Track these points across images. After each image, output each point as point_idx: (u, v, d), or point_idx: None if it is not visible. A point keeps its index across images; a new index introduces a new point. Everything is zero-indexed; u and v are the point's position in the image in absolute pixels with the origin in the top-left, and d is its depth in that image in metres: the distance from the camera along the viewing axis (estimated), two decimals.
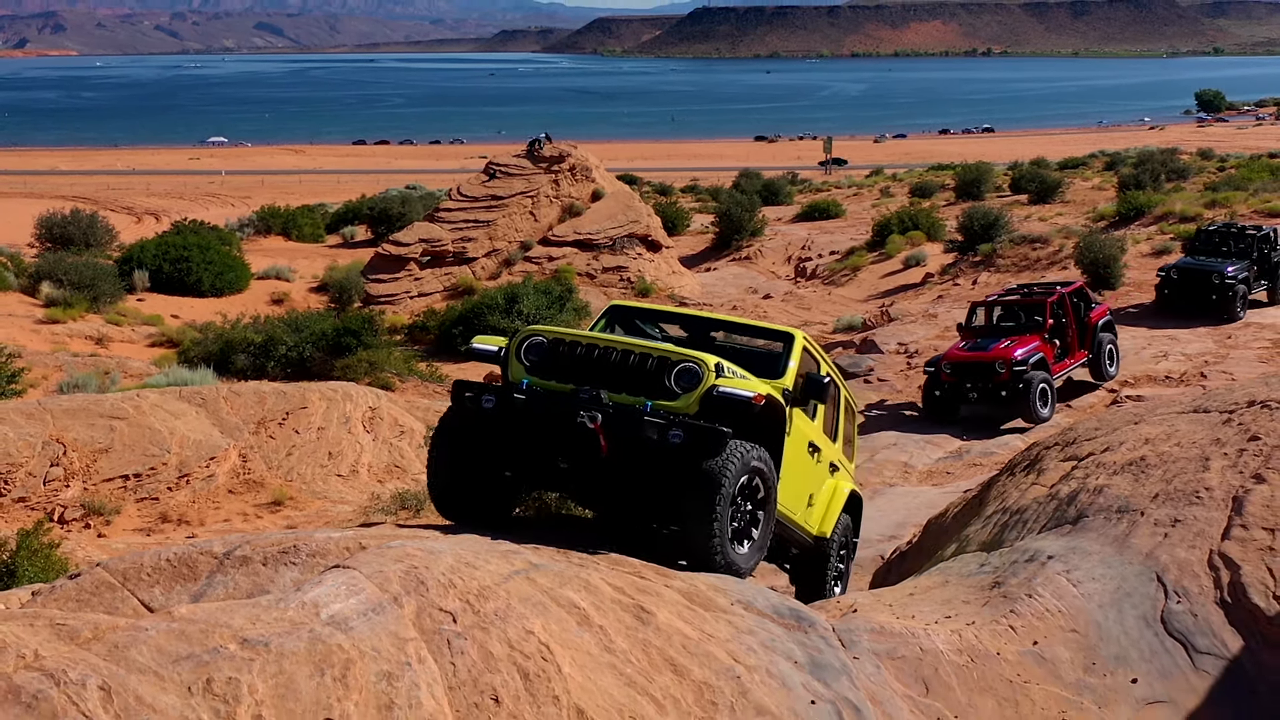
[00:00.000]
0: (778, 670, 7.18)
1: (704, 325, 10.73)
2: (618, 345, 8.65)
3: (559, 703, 6.38)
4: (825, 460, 10.44)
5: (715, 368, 8.42)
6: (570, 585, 7.28)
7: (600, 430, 8.13)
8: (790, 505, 9.60)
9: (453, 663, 6.38)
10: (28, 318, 34.94)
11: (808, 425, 9.85)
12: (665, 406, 8.35)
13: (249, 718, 5.76)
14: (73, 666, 5.87)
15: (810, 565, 10.69)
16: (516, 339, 8.96)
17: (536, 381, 8.65)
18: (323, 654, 6.13)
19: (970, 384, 23.73)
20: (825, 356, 10.58)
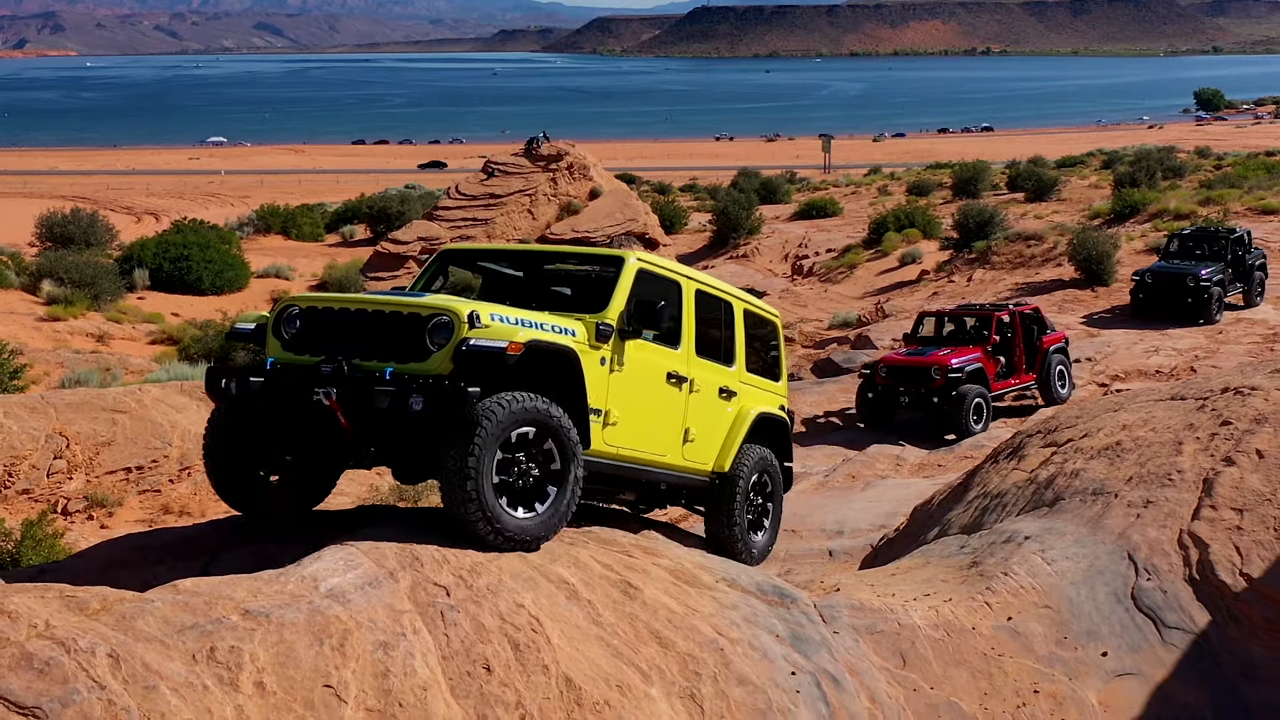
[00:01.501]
0: (759, 643, 7.45)
1: (537, 260, 9.87)
2: (369, 305, 7.90)
3: (548, 672, 6.65)
4: (708, 388, 9.43)
5: (469, 318, 7.55)
6: (560, 562, 7.56)
7: (336, 406, 7.46)
8: (645, 445, 8.79)
9: (446, 634, 6.65)
10: (29, 315, 35.17)
11: (663, 355, 8.96)
12: (413, 369, 7.57)
13: (251, 684, 6.04)
14: (82, 635, 6.14)
15: (717, 506, 9.76)
16: (273, 312, 8.32)
17: (289, 358, 7.98)
18: (321, 625, 6.41)
19: (904, 388, 23.29)
20: (700, 277, 9.69)
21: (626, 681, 6.84)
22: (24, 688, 5.77)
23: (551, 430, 7.63)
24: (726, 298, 9.89)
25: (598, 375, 8.24)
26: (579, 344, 8.05)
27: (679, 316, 9.17)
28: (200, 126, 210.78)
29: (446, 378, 7.41)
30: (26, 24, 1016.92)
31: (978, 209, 44.41)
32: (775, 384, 10.60)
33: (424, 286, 9.45)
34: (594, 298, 8.69)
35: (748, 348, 10.09)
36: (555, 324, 8.02)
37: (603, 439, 8.31)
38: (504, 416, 7.33)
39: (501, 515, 7.40)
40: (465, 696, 6.41)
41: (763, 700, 7.09)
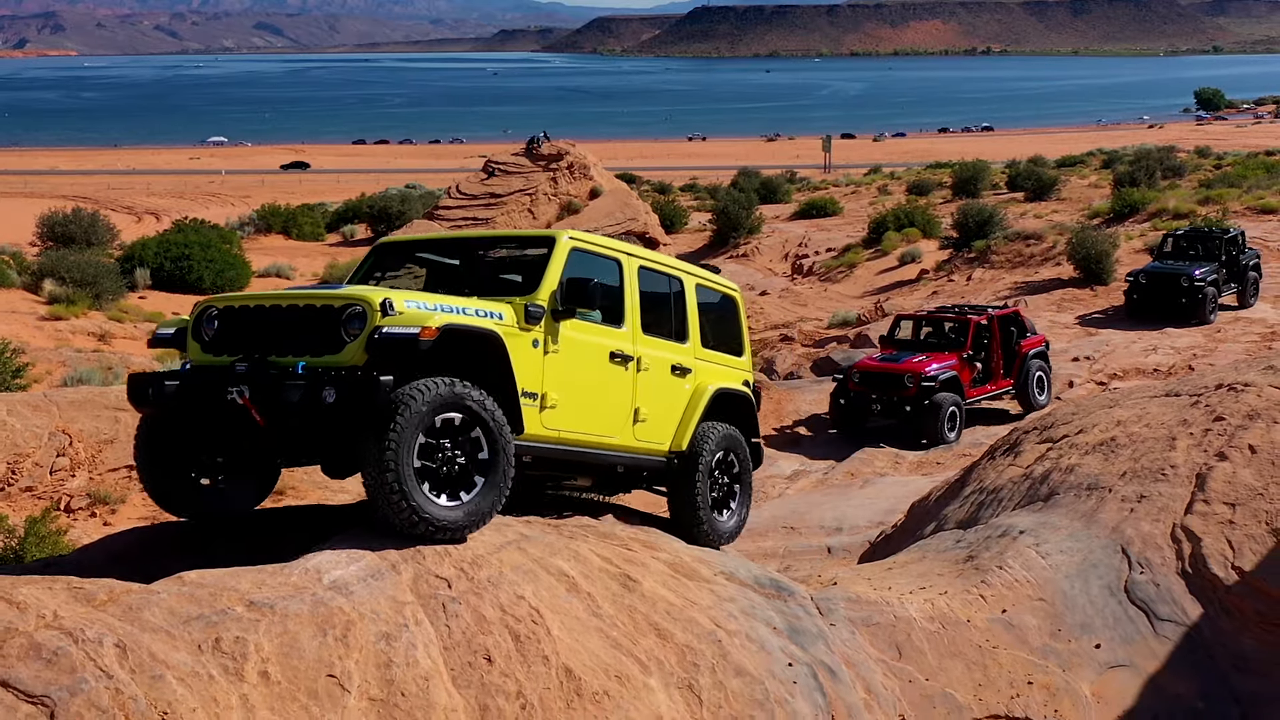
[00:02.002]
0: (757, 635, 7.55)
1: (471, 247, 9.61)
2: (284, 300, 7.75)
3: (548, 662, 6.75)
4: (658, 366, 9.15)
5: (382, 306, 7.34)
6: (560, 555, 7.66)
7: (250, 404, 7.28)
8: (590, 427, 8.55)
9: (448, 625, 6.75)
10: (30, 314, 35.25)
11: (605, 334, 8.70)
12: (327, 362, 7.38)
13: (256, 674, 6.14)
14: (89, 626, 6.24)
15: (678, 487, 9.44)
16: (192, 315, 8.13)
17: (207, 359, 7.82)
18: (325, 616, 6.51)
19: (876, 395, 22.78)
20: (645, 254, 9.42)
21: (625, 672, 6.94)
22: (33, 677, 5.87)
23: (476, 416, 7.42)
24: (675, 273, 9.64)
25: (530, 358, 8.03)
26: (505, 327, 7.84)
27: (620, 294, 8.93)
28: (201, 126, 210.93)
29: (360, 368, 7.24)
30: (27, 24, 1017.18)
31: (977, 208, 44.51)
32: (738, 359, 10.29)
33: (361, 279, 9.29)
34: (530, 280, 8.50)
35: (705, 324, 9.81)
36: (480, 308, 7.84)
37: (540, 423, 8.10)
38: (422, 402, 7.16)
39: (425, 504, 7.20)
40: (467, 686, 6.51)
41: (760, 691, 7.19)
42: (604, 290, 8.51)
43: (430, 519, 7.21)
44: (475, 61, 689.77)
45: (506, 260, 9.38)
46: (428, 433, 7.23)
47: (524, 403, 7.88)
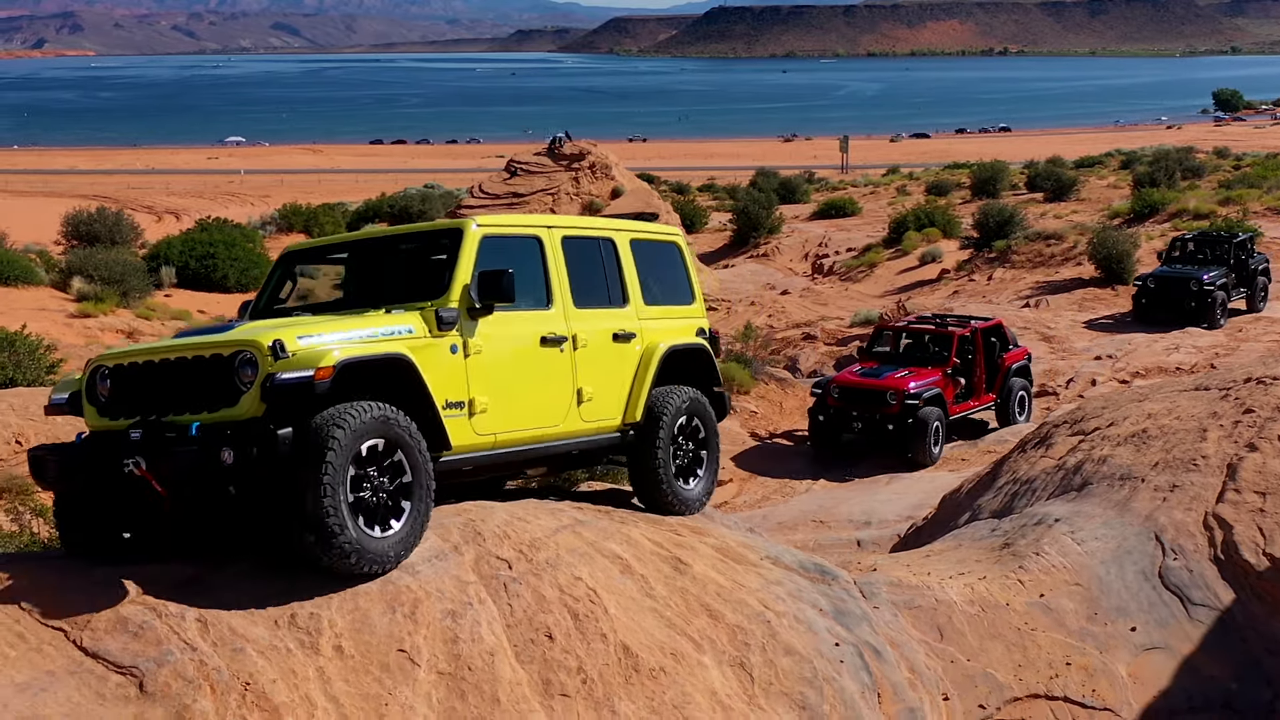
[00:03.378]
0: (804, 616, 7.82)
1: (381, 246, 8.78)
2: (173, 352, 7.14)
3: (606, 640, 7.02)
4: (598, 339, 8.64)
5: (271, 348, 6.81)
6: (613, 539, 7.93)
7: (148, 475, 6.76)
8: (530, 422, 8.07)
9: (509, 604, 7.03)
10: (60, 312, 35.63)
11: (532, 319, 8.22)
12: (225, 417, 6.86)
13: (330, 648, 6.42)
14: (170, 601, 6.53)
15: (637, 458, 8.96)
16: (84, 375, 7.53)
17: (104, 425, 7.27)
18: (393, 594, 6.79)
19: (857, 412, 21.64)
20: (566, 222, 8.94)
21: (680, 650, 7.22)
22: (121, 649, 6.17)
23: (399, 440, 7.03)
24: (603, 234, 9.09)
25: (450, 365, 7.58)
26: (414, 341, 7.38)
27: (544, 273, 8.43)
28: (218, 126, 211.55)
29: (259, 420, 6.77)
30: (45, 24, 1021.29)
31: (998, 208, 44.68)
32: (689, 308, 9.70)
33: (271, 294, 8.75)
34: (439, 276, 7.93)
35: (645, 279, 9.25)
36: (384, 326, 7.35)
37: (472, 430, 7.65)
38: (350, 432, 6.74)
39: (362, 539, 6.78)
40: (530, 662, 6.78)
41: (809, 669, 7.46)
42: (526, 276, 8.13)
43: (369, 554, 6.80)
44: (491, 62, 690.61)
45: (419, 257, 8.44)
46: (356, 462, 6.83)
47: (449, 415, 7.46)
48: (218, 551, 7.33)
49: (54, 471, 7.14)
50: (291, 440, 6.61)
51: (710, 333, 9.77)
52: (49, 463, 7.17)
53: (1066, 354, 28.09)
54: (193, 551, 7.33)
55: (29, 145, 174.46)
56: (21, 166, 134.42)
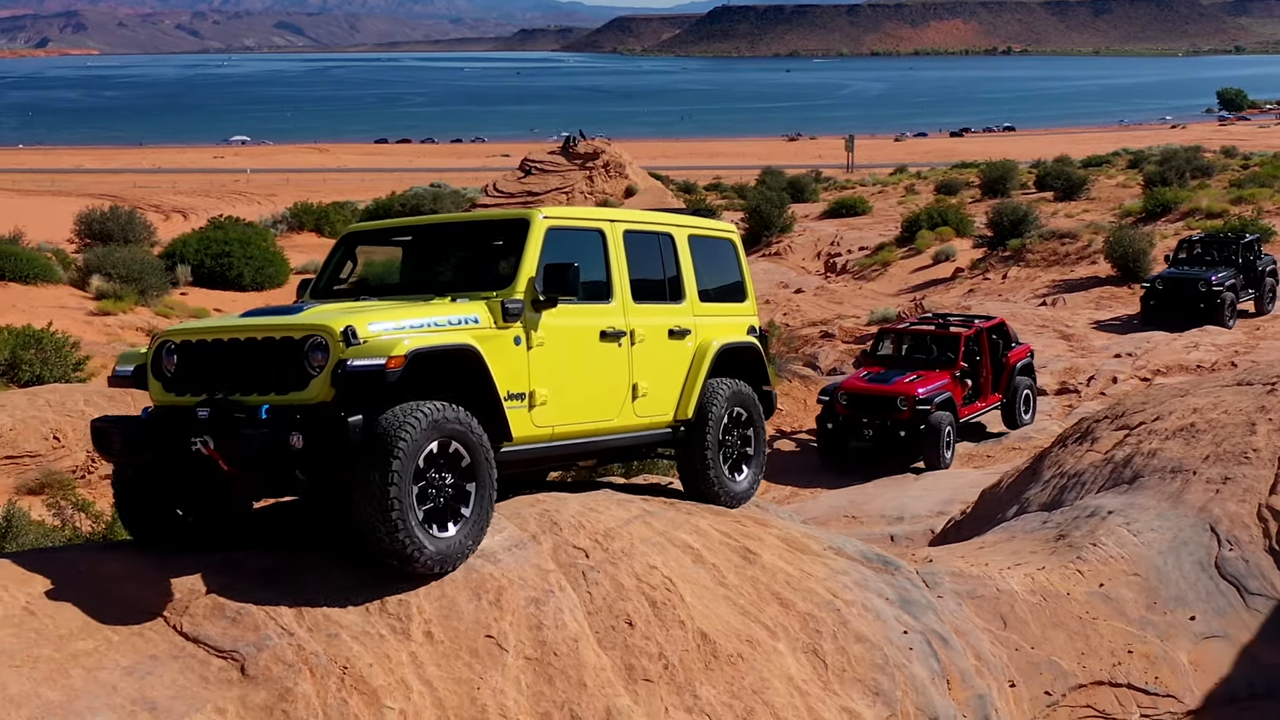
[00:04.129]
0: (872, 605, 7.97)
1: (443, 233, 8.88)
2: (242, 332, 7.12)
3: (684, 627, 7.18)
4: (654, 335, 8.61)
5: (344, 335, 6.80)
6: (682, 529, 8.08)
7: (216, 455, 6.77)
8: (586, 416, 8.07)
9: (589, 592, 7.18)
10: (79, 310, 35.80)
11: (593, 313, 8.18)
12: (294, 400, 6.87)
13: (421, 633, 6.57)
14: (261, 588, 6.69)
15: (687, 455, 8.96)
16: (150, 349, 7.54)
17: (170, 400, 7.27)
18: (478, 581, 6.94)
19: (866, 419, 21.24)
20: (629, 216, 8.86)
21: (755, 637, 7.37)
22: (220, 634, 6.32)
23: (464, 440, 7.00)
24: (664, 229, 9.05)
25: (514, 357, 7.56)
26: (481, 331, 7.36)
27: (606, 267, 8.40)
28: (223, 125, 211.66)
29: (328, 404, 6.77)
30: (49, 23, 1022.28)
31: (1012, 207, 44.80)
32: (741, 305, 9.66)
33: (331, 274, 8.69)
34: (505, 266, 7.94)
35: (701, 276, 9.20)
36: (451, 315, 7.33)
37: (531, 422, 7.65)
38: (419, 431, 6.72)
39: (424, 538, 6.78)
40: (612, 648, 6.93)
41: (880, 656, 7.61)
42: (588, 269, 8.09)
43: (430, 554, 6.79)
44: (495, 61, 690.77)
45: (483, 246, 8.50)
46: (421, 463, 6.80)
47: (511, 406, 7.45)
48: (283, 539, 7.45)
49: (119, 444, 7.17)
50: (361, 429, 6.60)
51: (760, 331, 9.71)
52: (114, 435, 7.18)
53: (1086, 352, 28.23)
54: (254, 539, 7.45)
55: (34, 144, 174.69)
56: (28, 165, 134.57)
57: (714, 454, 8.91)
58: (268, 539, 7.48)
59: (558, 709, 6.48)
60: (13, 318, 30.20)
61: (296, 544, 7.35)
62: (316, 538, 7.43)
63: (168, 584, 6.67)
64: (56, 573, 6.74)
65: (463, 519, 7.02)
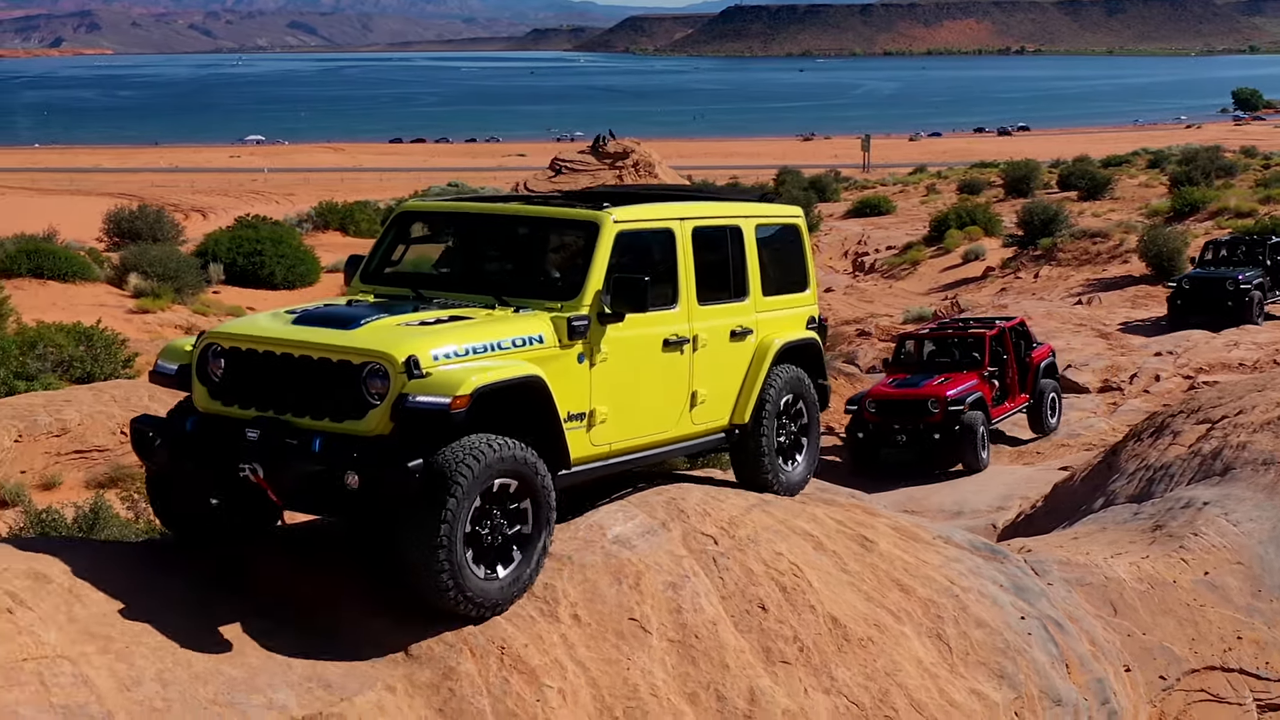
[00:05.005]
0: (988, 591, 8.18)
1: (503, 225, 8.10)
2: (296, 348, 6.69)
3: (815, 611, 7.39)
4: (716, 337, 8.12)
5: (406, 365, 6.43)
6: (800, 517, 8.28)
7: (265, 484, 6.49)
8: (643, 430, 7.67)
9: (721, 577, 7.39)
10: (119, 307, 36.09)
11: (657, 321, 7.65)
12: (349, 429, 6.51)
13: (568, 616, 6.79)
14: None
15: (742, 451, 8.57)
16: (195, 349, 7.09)
17: (216, 409, 6.89)
18: (617, 566, 7.16)
19: (899, 425, 20.71)
20: (697, 211, 8.23)
21: (882, 622, 7.58)
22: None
23: (525, 478, 6.68)
24: (734, 222, 8.44)
25: (576, 377, 7.16)
26: (545, 353, 6.99)
27: (673, 270, 7.87)
28: (237, 124, 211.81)
29: (386, 439, 6.45)
30: (62, 22, 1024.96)
31: (1042, 206, 44.97)
32: (802, 295, 9.07)
33: (383, 256, 8.12)
34: (569, 273, 7.48)
35: (765, 268, 8.63)
36: (515, 335, 6.92)
37: (589, 442, 7.30)
38: (479, 470, 6.40)
39: (470, 580, 6.46)
40: (748, 631, 7.14)
41: (1001, 641, 7.82)
42: (655, 274, 7.57)
43: (473, 597, 6.49)
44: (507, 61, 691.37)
45: (545, 244, 7.90)
46: (481, 500, 6.51)
47: (570, 428, 7.08)
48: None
49: (161, 456, 6.87)
50: (422, 474, 6.28)
51: (820, 320, 9.24)
52: (155, 442, 6.87)
53: (1126, 350, 28.35)
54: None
55: (50, 144, 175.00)
56: (46, 165, 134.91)
57: (769, 444, 8.54)
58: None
59: (703, 689, 6.70)
60: (54, 315, 30.47)
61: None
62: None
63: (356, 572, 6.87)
64: (209, 564, 6.97)
65: (514, 560, 6.72)
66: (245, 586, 6.74)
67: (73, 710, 5.30)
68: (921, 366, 22.29)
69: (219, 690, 5.75)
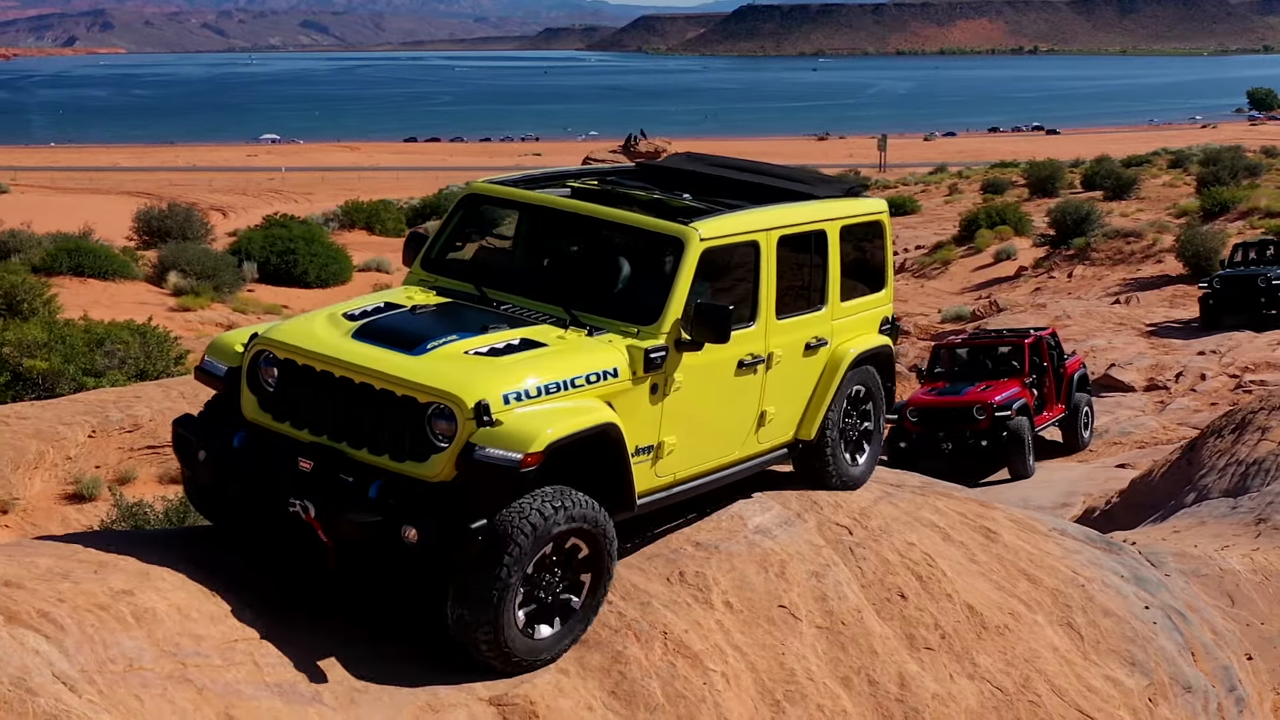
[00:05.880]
0: (1110, 582, 8.38)
1: (583, 227, 7.39)
2: (356, 374, 6.19)
3: (951, 600, 7.58)
4: (791, 352, 7.56)
5: (476, 411, 5.96)
6: (924, 509, 8.48)
7: (316, 524, 6.07)
8: (710, 456, 7.20)
9: (859, 567, 7.59)
10: (160, 305, 36.39)
11: (734, 342, 7.00)
12: (409, 471, 6.08)
13: (721, 603, 6.99)
14: None
15: (806, 463, 8.07)
16: (246, 354, 6.56)
17: (266, 422, 6.43)
18: (761, 555, 7.36)
19: (944, 433, 20.29)
20: (783, 218, 7.56)
21: (1015, 610, 7.78)
22: None
23: (593, 540, 6.30)
24: (820, 226, 7.77)
25: (647, 409, 6.70)
26: (618, 386, 6.53)
27: (755, 286, 7.30)
28: (252, 124, 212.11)
29: (449, 489, 6.01)
30: (75, 21, 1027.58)
31: (1075, 206, 45.10)
32: (878, 295, 8.50)
33: (446, 242, 7.52)
34: (649, 292, 6.84)
35: (846, 271, 8.04)
36: (590, 370, 6.43)
37: (654, 474, 6.86)
38: (541, 531, 6.00)
39: (516, 639, 6.09)
40: (890, 619, 7.34)
41: (1129, 630, 8.02)
42: (737, 292, 7.14)
43: (517, 659, 6.13)
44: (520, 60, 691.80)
45: (622, 254, 7.10)
46: (538, 561, 6.12)
47: (636, 461, 6.61)
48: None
49: (205, 471, 6.49)
50: (484, 533, 5.90)
51: (894, 321, 8.68)
52: (199, 454, 6.48)
53: (1169, 349, 28.50)
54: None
55: (66, 143, 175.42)
56: (64, 164, 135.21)
57: (833, 442, 8.05)
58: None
59: (855, 674, 6.91)
60: (97, 313, 30.76)
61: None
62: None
63: None
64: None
65: (569, 615, 6.35)
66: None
67: (285, 689, 5.51)
68: (959, 375, 21.87)
69: (412, 671, 5.97)
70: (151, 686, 5.05)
